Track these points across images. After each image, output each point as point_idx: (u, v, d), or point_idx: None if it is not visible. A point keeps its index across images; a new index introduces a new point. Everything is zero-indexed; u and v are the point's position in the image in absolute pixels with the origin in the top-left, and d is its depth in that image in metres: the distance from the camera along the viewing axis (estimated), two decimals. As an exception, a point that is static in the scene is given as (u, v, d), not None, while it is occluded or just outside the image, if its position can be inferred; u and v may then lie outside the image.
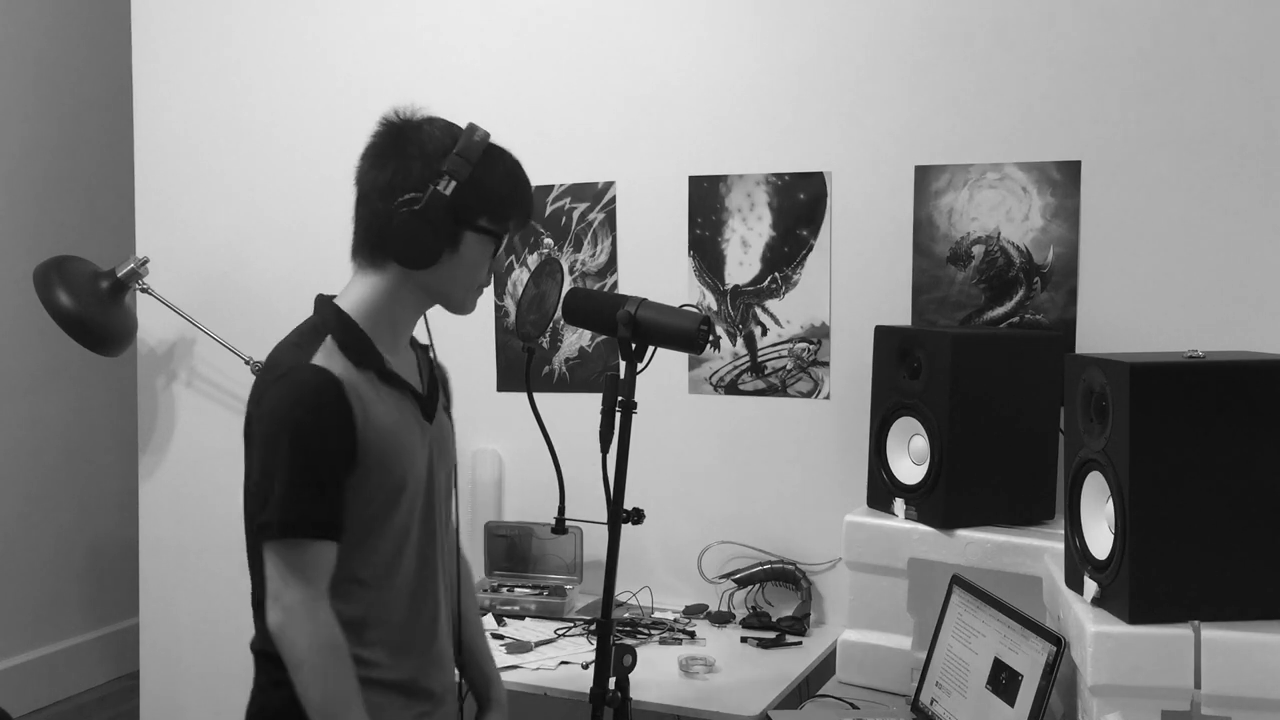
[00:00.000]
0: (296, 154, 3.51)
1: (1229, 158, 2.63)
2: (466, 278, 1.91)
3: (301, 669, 1.75)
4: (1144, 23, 2.68)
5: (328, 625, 1.76)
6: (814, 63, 2.98)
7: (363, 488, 1.81)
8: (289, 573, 1.75)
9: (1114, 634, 1.93)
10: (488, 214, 1.88)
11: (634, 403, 2.04)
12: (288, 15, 3.52)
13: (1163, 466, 1.94)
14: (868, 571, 2.62)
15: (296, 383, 1.78)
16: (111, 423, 4.72)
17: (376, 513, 1.85)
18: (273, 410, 1.78)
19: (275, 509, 1.75)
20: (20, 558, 4.48)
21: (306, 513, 1.76)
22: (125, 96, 3.79)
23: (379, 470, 1.82)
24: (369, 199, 1.88)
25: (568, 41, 3.22)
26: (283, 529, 1.75)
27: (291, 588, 1.75)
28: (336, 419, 1.77)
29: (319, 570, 1.77)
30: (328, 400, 1.77)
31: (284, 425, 1.76)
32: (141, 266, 3.50)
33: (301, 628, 1.75)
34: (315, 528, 1.77)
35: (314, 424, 1.76)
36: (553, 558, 3.14)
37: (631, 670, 2.02)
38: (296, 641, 1.75)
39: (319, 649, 1.76)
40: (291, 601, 1.75)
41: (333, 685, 1.76)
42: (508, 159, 1.92)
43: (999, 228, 2.83)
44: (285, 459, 1.75)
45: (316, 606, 1.76)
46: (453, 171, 1.82)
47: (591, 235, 3.21)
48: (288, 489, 1.75)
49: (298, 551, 1.76)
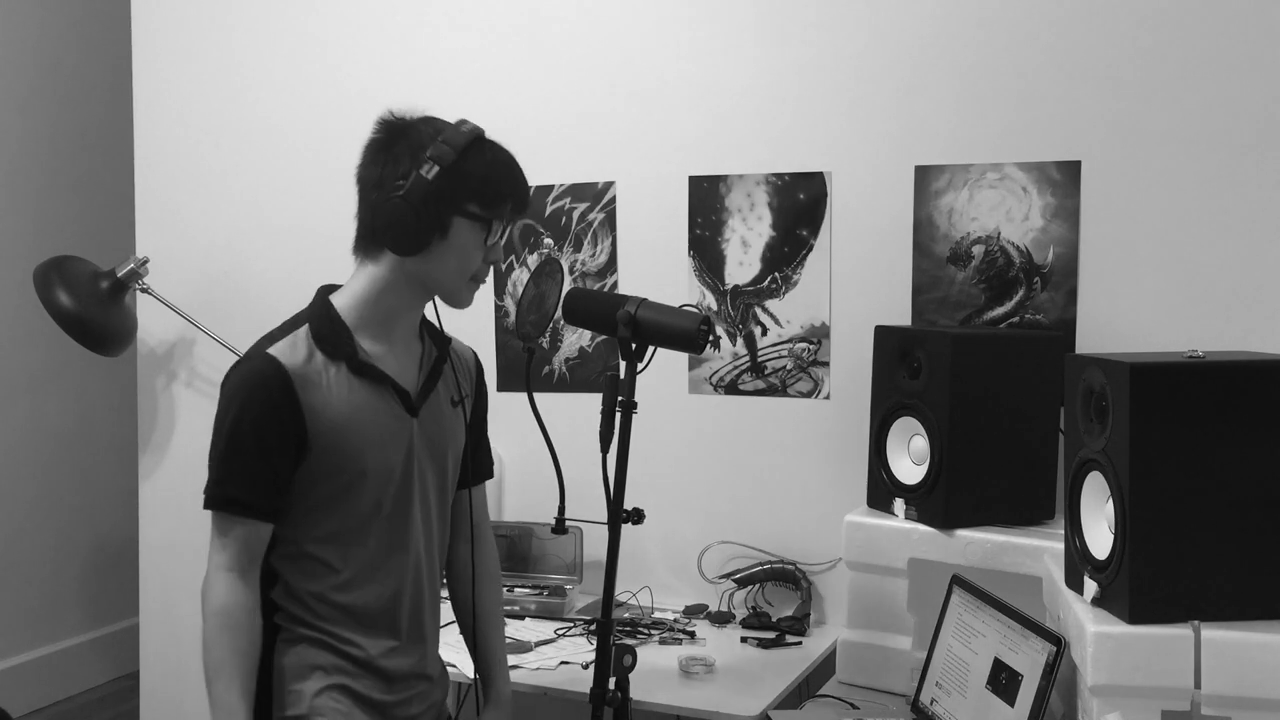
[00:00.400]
0: (296, 154, 3.51)
1: (1229, 157, 2.63)
2: (458, 265, 1.94)
3: (203, 625, 1.89)
4: (1144, 23, 2.68)
5: (230, 595, 1.88)
6: (814, 63, 2.98)
7: (314, 471, 1.92)
8: (213, 542, 1.91)
9: (1114, 634, 1.93)
10: (476, 199, 1.91)
11: (634, 403, 2.04)
12: (288, 15, 3.52)
13: (1163, 466, 1.94)
14: (868, 571, 2.62)
15: (241, 370, 1.92)
16: (111, 423, 4.72)
17: (332, 496, 1.94)
18: (224, 393, 1.92)
19: (210, 482, 1.91)
20: (20, 558, 4.48)
21: (231, 491, 1.89)
22: (125, 97, 3.79)
23: (334, 455, 1.91)
24: (365, 194, 1.96)
25: (568, 41, 3.22)
26: (210, 501, 1.91)
27: (213, 555, 1.91)
28: (276, 407, 1.88)
29: (240, 544, 1.90)
30: (271, 388, 1.88)
31: (227, 408, 1.90)
32: (141, 266, 3.50)
33: (208, 592, 1.89)
34: (237, 506, 1.89)
35: (250, 410, 1.88)
36: (553, 558, 3.14)
37: (631, 670, 2.02)
38: (205, 604, 1.90)
39: (215, 613, 1.88)
40: (210, 567, 1.90)
41: (213, 651, 1.87)
42: (497, 148, 1.96)
43: (999, 228, 2.83)
44: (223, 440, 1.90)
45: (224, 575, 1.89)
46: (436, 157, 1.88)
47: (591, 235, 3.21)
48: (220, 466, 1.90)
49: (222, 524, 1.90)
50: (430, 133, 1.91)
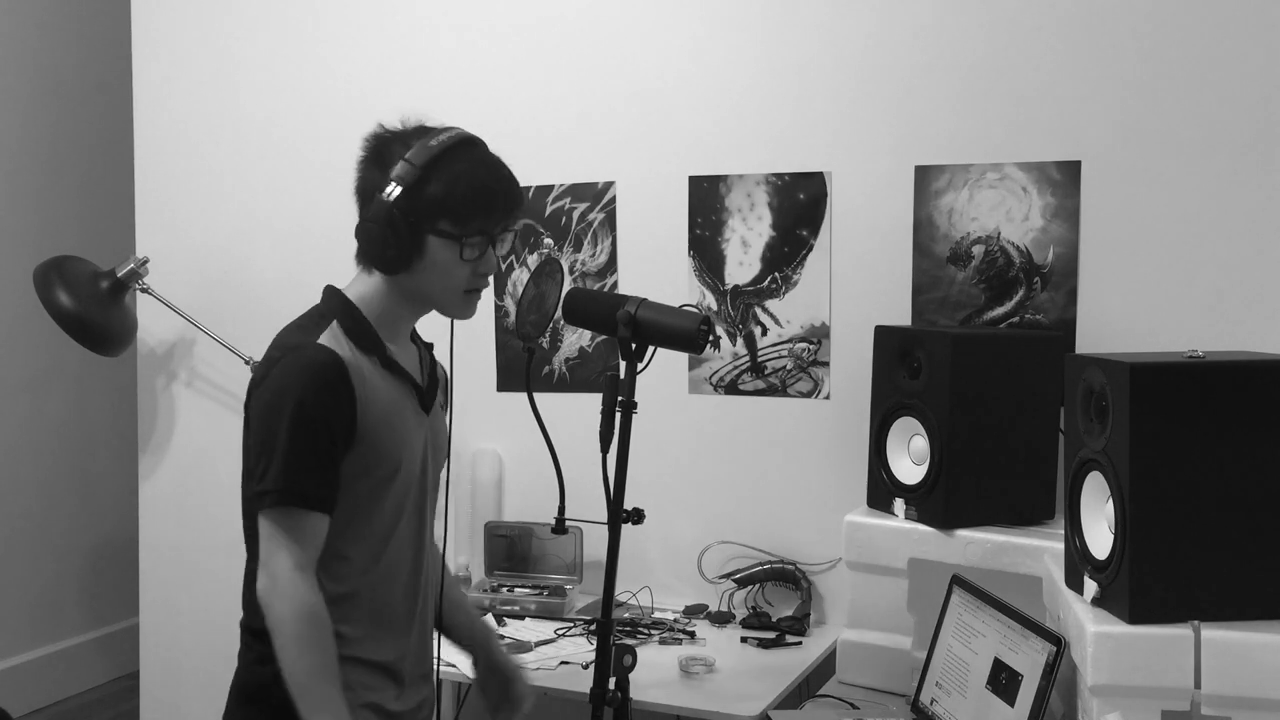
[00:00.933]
0: (296, 154, 3.51)
1: (1229, 158, 2.63)
2: (441, 282, 1.90)
3: (281, 634, 1.79)
4: (1144, 23, 2.68)
5: (311, 594, 1.80)
6: (814, 63, 2.98)
7: (357, 466, 1.86)
8: (280, 540, 1.80)
9: (1114, 634, 1.93)
10: (445, 217, 1.86)
11: (634, 403, 2.04)
12: (288, 15, 3.52)
13: (1163, 466, 1.94)
14: (868, 571, 2.62)
15: (302, 360, 1.83)
16: (111, 423, 4.72)
17: (370, 492, 1.89)
18: (277, 384, 1.82)
19: (273, 478, 1.79)
20: (20, 558, 4.48)
21: (302, 484, 1.80)
22: (125, 97, 3.79)
23: (375, 451, 1.87)
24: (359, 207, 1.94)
25: (567, 41, 3.22)
26: (279, 497, 1.79)
27: (280, 555, 1.79)
28: (338, 396, 1.82)
29: (309, 541, 1.81)
30: (331, 378, 1.82)
31: (287, 398, 1.80)
32: (141, 266, 3.50)
33: (286, 594, 1.79)
34: (309, 499, 1.81)
35: (316, 399, 1.80)
36: (553, 558, 3.14)
37: (631, 670, 2.02)
38: (280, 608, 1.79)
39: (301, 616, 1.78)
40: (278, 569, 1.79)
41: (311, 654, 1.78)
42: (471, 159, 1.88)
43: (999, 228, 2.83)
44: (286, 431, 1.79)
45: (303, 575, 1.79)
46: (399, 177, 1.84)
47: (591, 235, 3.21)
48: (286, 459, 1.79)
49: (291, 520, 1.80)
50: (399, 150, 1.86)
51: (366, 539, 1.90)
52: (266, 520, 1.81)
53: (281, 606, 1.79)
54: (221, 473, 2.95)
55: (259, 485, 1.81)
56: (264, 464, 1.81)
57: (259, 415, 1.84)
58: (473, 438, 3.28)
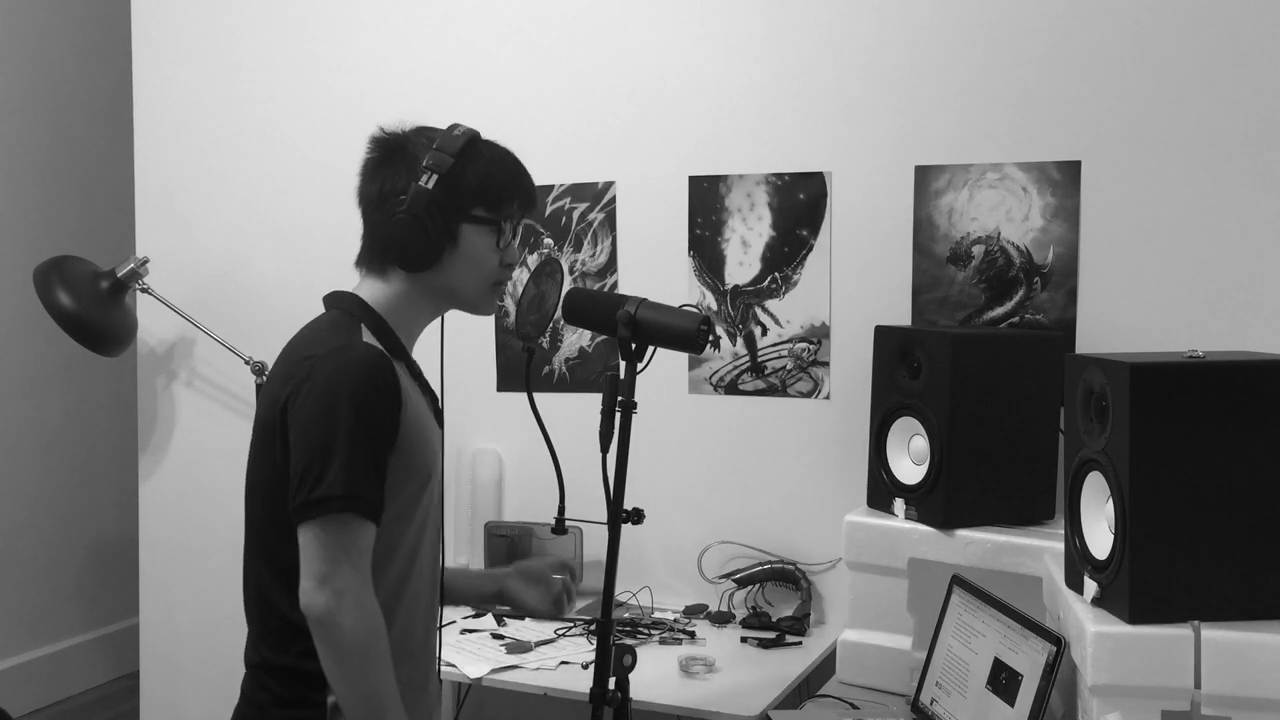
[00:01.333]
0: (296, 154, 3.51)
1: (1229, 157, 2.63)
2: (474, 272, 1.90)
3: (350, 659, 1.68)
4: (1144, 23, 2.68)
5: (378, 613, 1.70)
6: (814, 63, 2.98)
7: (396, 475, 1.77)
8: (340, 553, 1.67)
9: (1114, 634, 1.93)
10: (481, 203, 1.88)
11: (634, 403, 2.04)
12: (288, 15, 3.52)
13: (1163, 466, 1.94)
14: (868, 571, 2.62)
15: (354, 358, 1.75)
16: (111, 423, 4.72)
17: (405, 504, 1.82)
18: (328, 384, 1.71)
19: (334, 484, 1.67)
20: (20, 558, 4.48)
21: (364, 491, 1.70)
22: (125, 97, 3.79)
23: (412, 459, 1.80)
24: (368, 213, 1.91)
25: (568, 42, 3.22)
26: (344, 503, 1.67)
27: (343, 570, 1.67)
28: (389, 399, 1.75)
29: (367, 553, 1.71)
30: (385, 377, 1.75)
31: (343, 400, 1.70)
32: (141, 266, 3.50)
33: (354, 613, 1.67)
34: (369, 507, 1.71)
35: (372, 400, 1.72)
36: (553, 558, 3.14)
37: (631, 670, 2.02)
38: (351, 628, 1.67)
39: (377, 634, 1.69)
40: (344, 585, 1.67)
41: (383, 676, 1.70)
42: (494, 148, 1.92)
43: (999, 228, 2.83)
44: (344, 433, 1.68)
45: (368, 592, 1.69)
46: (433, 166, 1.83)
47: (591, 235, 3.21)
48: (348, 464, 1.67)
49: (351, 531, 1.69)
50: (424, 143, 1.86)
51: (397, 556, 1.82)
52: (321, 531, 1.68)
53: (352, 627, 1.66)
54: (221, 473, 2.95)
55: (313, 492, 1.67)
56: (319, 469, 1.68)
57: (307, 418, 1.71)
58: (473, 438, 3.28)
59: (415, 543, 1.87)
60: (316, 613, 1.68)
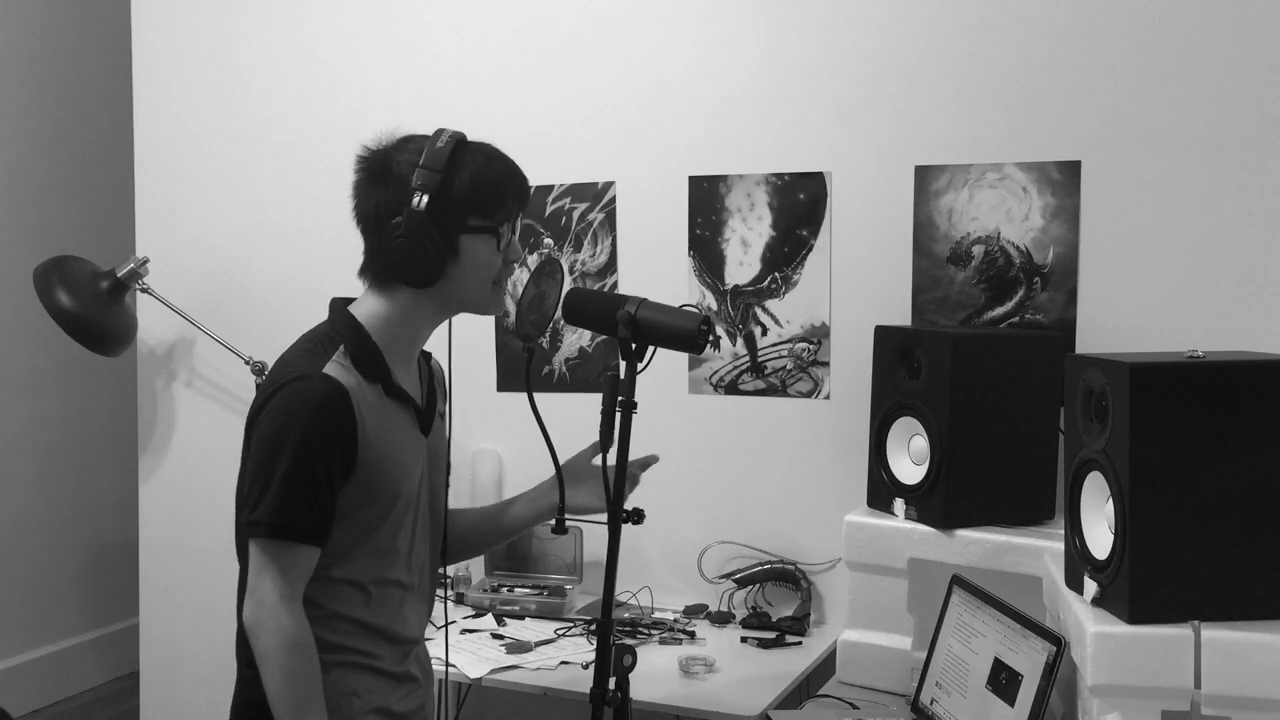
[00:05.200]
0: (296, 154, 3.51)
1: (1229, 157, 2.63)
2: (478, 279, 1.92)
3: (268, 664, 1.80)
4: (1144, 23, 2.68)
5: (297, 626, 1.80)
6: (814, 63, 2.98)
7: (356, 496, 1.85)
8: (268, 570, 1.80)
9: (1114, 634, 1.93)
10: (475, 211, 1.88)
11: (634, 403, 2.04)
12: (288, 15, 3.52)
13: (1163, 466, 1.95)
14: (868, 571, 2.62)
15: (305, 390, 1.81)
16: (111, 423, 4.72)
17: (370, 520, 1.88)
18: (278, 414, 1.81)
19: (266, 509, 1.79)
20: (20, 558, 4.48)
21: (295, 517, 1.80)
22: (125, 97, 3.79)
23: (374, 481, 1.86)
24: (365, 231, 1.92)
25: (568, 42, 3.22)
26: (271, 530, 1.79)
27: (268, 584, 1.80)
28: (340, 430, 1.81)
29: (298, 571, 1.82)
30: (335, 411, 1.81)
31: (288, 430, 1.79)
32: (141, 266, 3.50)
33: (271, 624, 1.79)
34: (301, 533, 1.81)
35: (318, 433, 1.79)
36: (553, 558, 3.14)
37: (631, 670, 2.02)
38: (265, 639, 1.80)
39: (287, 647, 1.79)
40: (266, 597, 1.80)
41: (296, 684, 1.80)
42: (480, 152, 1.91)
43: (999, 228, 2.83)
44: (284, 462, 1.78)
45: (290, 605, 1.80)
46: (422, 185, 1.83)
47: (591, 235, 3.21)
48: (281, 492, 1.79)
49: (282, 552, 1.80)
50: (409, 160, 1.86)
51: (369, 564, 1.91)
52: (257, 549, 1.81)
53: (267, 637, 1.80)
54: (221, 473, 2.94)
55: (251, 514, 1.81)
56: (257, 493, 1.80)
57: (258, 444, 1.83)
58: (473, 438, 3.28)
59: (389, 551, 1.92)
60: (247, 620, 1.83)
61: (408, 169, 1.85)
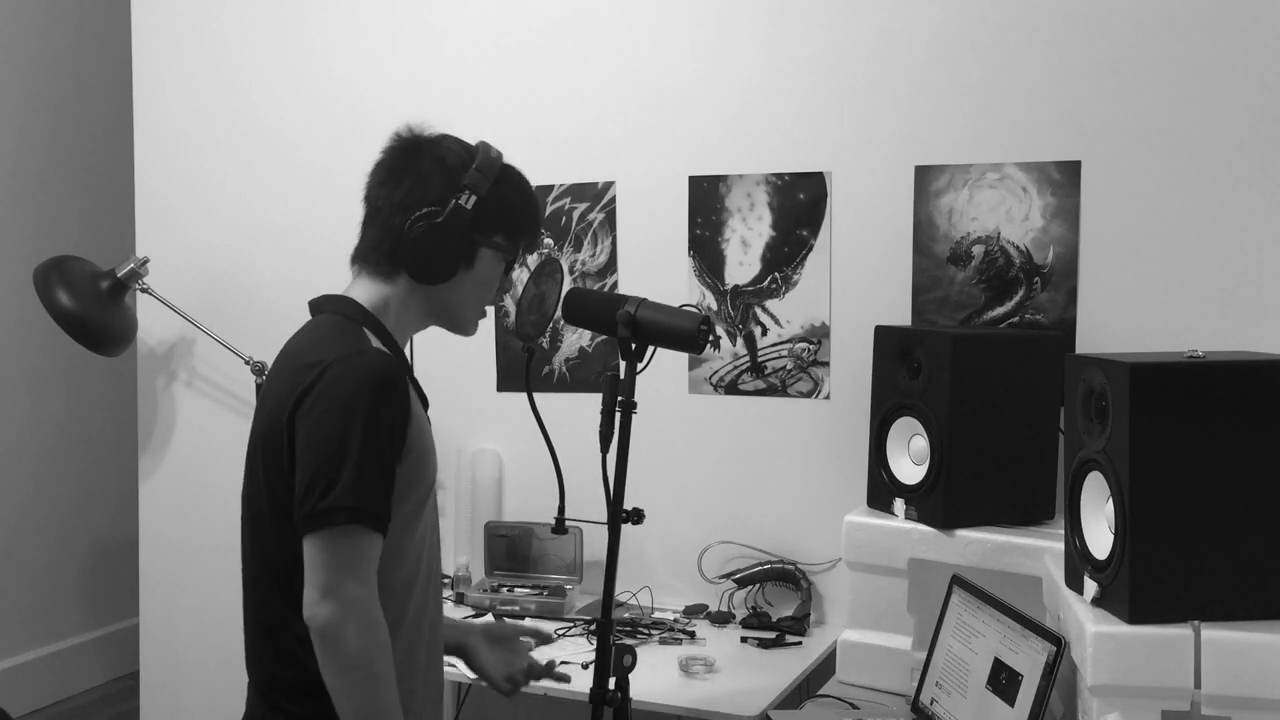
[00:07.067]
0: (296, 154, 3.51)
1: (1229, 158, 2.63)
2: (477, 295, 1.90)
3: (354, 673, 1.64)
4: (1144, 23, 2.68)
5: (384, 627, 1.67)
6: (814, 62, 2.98)
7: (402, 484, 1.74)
8: (347, 565, 1.64)
9: (1114, 634, 1.93)
10: (503, 231, 1.88)
11: (634, 403, 2.04)
12: (288, 15, 3.52)
13: (1163, 466, 1.94)
14: (868, 571, 2.62)
15: (367, 365, 1.70)
16: (111, 423, 4.72)
17: (410, 512, 1.79)
18: (341, 391, 1.67)
19: (343, 494, 1.63)
20: (20, 557, 4.48)
21: (372, 502, 1.66)
22: (125, 97, 3.79)
23: (417, 464, 1.77)
24: (381, 214, 1.85)
25: (568, 42, 3.22)
26: (351, 514, 1.63)
27: (349, 582, 1.63)
28: (400, 407, 1.71)
29: (373, 566, 1.67)
30: (398, 387, 1.72)
31: (358, 409, 1.66)
32: (141, 266, 3.50)
33: (362, 625, 1.64)
34: (376, 519, 1.67)
35: (386, 410, 1.68)
36: (553, 558, 3.14)
37: (631, 670, 2.02)
38: (353, 641, 1.64)
39: (379, 650, 1.66)
40: (349, 597, 1.63)
41: (386, 692, 1.67)
42: (520, 177, 1.92)
43: (999, 228, 2.83)
44: (357, 443, 1.64)
45: (374, 605, 1.66)
46: (473, 186, 1.82)
47: (591, 235, 3.21)
48: (357, 474, 1.64)
49: (358, 543, 1.65)
50: (462, 156, 1.84)
51: (404, 565, 1.79)
52: (328, 542, 1.64)
53: (357, 640, 1.63)
54: (221, 473, 2.95)
55: (321, 502, 1.63)
56: (328, 478, 1.64)
57: (319, 423, 1.66)
58: (473, 438, 3.28)
59: (419, 550, 1.84)
60: (320, 624, 1.64)
61: (460, 164, 1.83)
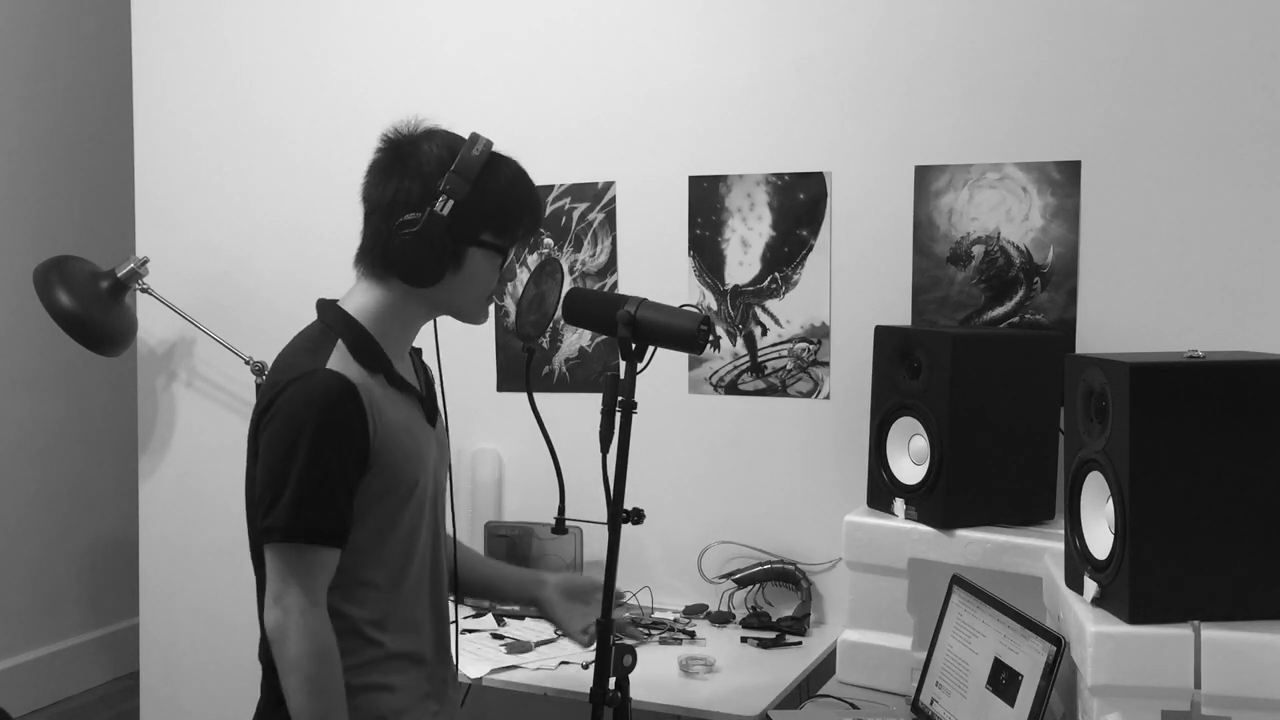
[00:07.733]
0: (296, 154, 3.51)
1: (1229, 157, 2.63)
2: (473, 292, 1.91)
3: (294, 674, 1.76)
4: (1144, 23, 2.68)
5: (323, 632, 1.77)
6: (814, 62, 2.98)
7: (374, 490, 1.82)
8: (290, 576, 1.76)
9: (1114, 634, 1.93)
10: (491, 229, 1.87)
11: (634, 403, 2.04)
12: (288, 15, 3.52)
13: (1163, 466, 1.94)
14: (868, 571, 2.62)
15: (313, 387, 1.77)
16: (111, 423, 4.72)
17: (388, 514, 1.86)
18: (288, 413, 1.77)
19: (283, 513, 1.75)
20: (20, 558, 4.48)
21: (313, 519, 1.76)
22: (125, 97, 3.79)
23: (391, 473, 1.83)
24: (373, 216, 1.89)
25: (568, 42, 3.22)
26: (287, 534, 1.75)
27: (292, 591, 1.76)
28: (351, 425, 1.78)
29: (320, 576, 1.78)
30: (345, 406, 1.77)
31: (298, 429, 1.75)
32: (141, 266, 3.50)
33: (298, 632, 1.76)
34: (320, 535, 1.77)
35: (329, 430, 1.76)
36: (553, 558, 3.14)
37: (631, 670, 2.02)
38: (291, 647, 1.76)
39: (312, 655, 1.76)
40: (291, 604, 1.76)
41: (322, 698, 1.76)
42: (509, 169, 1.90)
43: (999, 228, 2.83)
44: (299, 464, 1.74)
45: (314, 612, 1.77)
46: (450, 190, 1.82)
47: (591, 235, 3.21)
48: (297, 494, 1.75)
49: (302, 556, 1.77)
50: (441, 156, 1.83)
51: (387, 561, 1.88)
52: (276, 555, 1.77)
53: (294, 646, 1.76)
54: (221, 473, 2.95)
55: (266, 520, 1.77)
56: (271, 497, 1.76)
57: (268, 446, 1.78)
58: (473, 438, 3.28)
59: (406, 547, 1.90)
60: (268, 628, 1.78)
61: (437, 167, 1.83)
